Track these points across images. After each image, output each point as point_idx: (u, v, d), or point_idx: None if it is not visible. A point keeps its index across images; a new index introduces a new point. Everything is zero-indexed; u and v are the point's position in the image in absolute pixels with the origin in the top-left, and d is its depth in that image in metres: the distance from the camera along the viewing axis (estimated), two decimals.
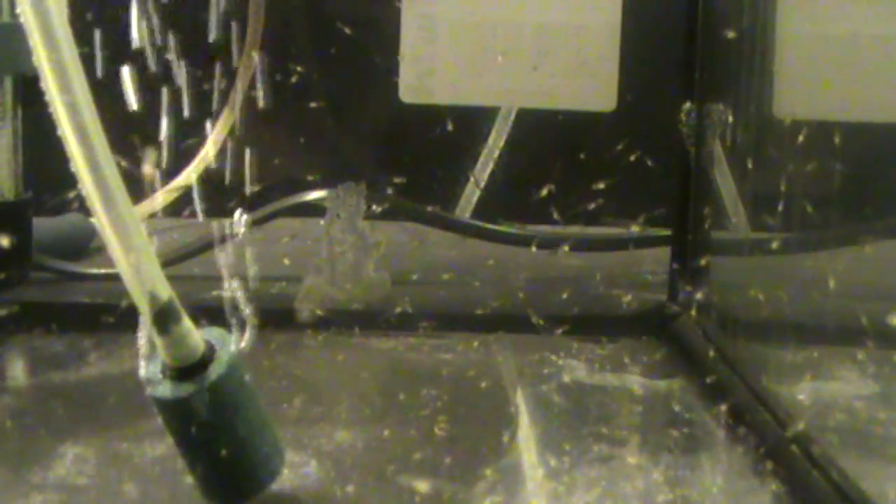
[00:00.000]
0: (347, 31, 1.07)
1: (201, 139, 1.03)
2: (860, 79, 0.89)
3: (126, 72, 0.71)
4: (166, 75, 0.76)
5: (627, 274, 0.97)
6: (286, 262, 0.88)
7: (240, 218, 0.71)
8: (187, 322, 0.49)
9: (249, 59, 1.03)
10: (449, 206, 1.12)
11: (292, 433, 0.60)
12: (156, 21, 0.72)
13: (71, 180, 0.45)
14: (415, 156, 1.13)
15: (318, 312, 0.81)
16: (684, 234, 0.82)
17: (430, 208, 1.01)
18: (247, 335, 0.51)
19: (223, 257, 0.57)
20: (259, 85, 0.83)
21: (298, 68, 1.05)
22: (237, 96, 1.04)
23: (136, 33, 0.72)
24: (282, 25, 1.13)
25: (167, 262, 0.86)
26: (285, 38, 1.13)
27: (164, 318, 0.47)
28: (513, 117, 1.12)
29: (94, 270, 0.91)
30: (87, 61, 0.46)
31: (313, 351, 0.78)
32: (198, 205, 0.78)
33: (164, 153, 0.80)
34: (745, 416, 0.62)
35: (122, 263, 0.46)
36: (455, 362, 0.76)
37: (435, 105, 1.05)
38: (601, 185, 0.97)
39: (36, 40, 0.44)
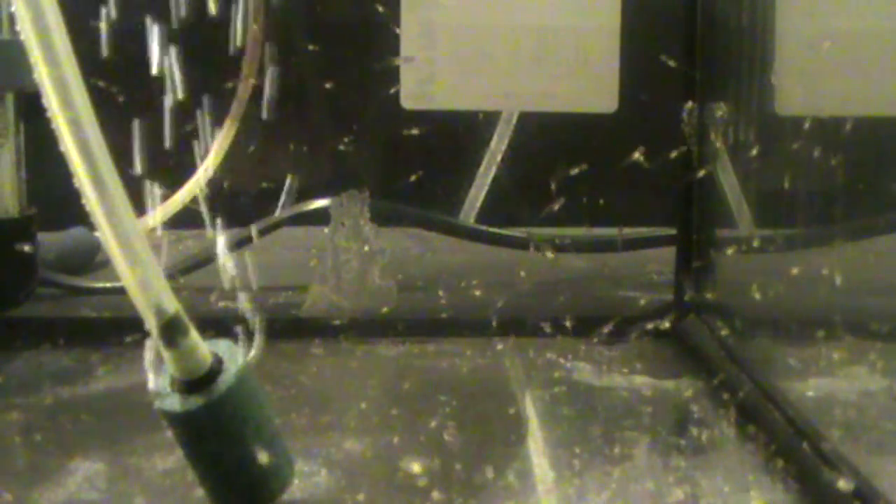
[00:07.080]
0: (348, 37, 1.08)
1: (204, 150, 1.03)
2: (862, 74, 0.89)
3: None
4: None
5: (633, 274, 0.97)
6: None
7: None
8: (195, 335, 0.48)
9: (251, 68, 1.04)
10: (453, 211, 1.12)
11: (302, 442, 0.60)
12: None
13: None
14: (417, 161, 1.13)
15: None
16: (689, 234, 0.82)
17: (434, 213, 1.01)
18: (255, 346, 0.51)
19: (229, 268, 0.57)
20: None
21: (299, 75, 1.05)
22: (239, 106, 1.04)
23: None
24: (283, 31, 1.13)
25: (172, 275, 0.87)
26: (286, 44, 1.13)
27: (171, 332, 0.47)
28: (514, 121, 1.12)
29: (100, 284, 0.91)
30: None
31: (320, 359, 0.78)
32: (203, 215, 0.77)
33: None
34: (755, 414, 0.62)
35: (128, 278, 0.46)
36: (463, 367, 0.76)
37: (436, 110, 1.05)
38: (605, 187, 0.97)
39: (37, 57, 0.44)
